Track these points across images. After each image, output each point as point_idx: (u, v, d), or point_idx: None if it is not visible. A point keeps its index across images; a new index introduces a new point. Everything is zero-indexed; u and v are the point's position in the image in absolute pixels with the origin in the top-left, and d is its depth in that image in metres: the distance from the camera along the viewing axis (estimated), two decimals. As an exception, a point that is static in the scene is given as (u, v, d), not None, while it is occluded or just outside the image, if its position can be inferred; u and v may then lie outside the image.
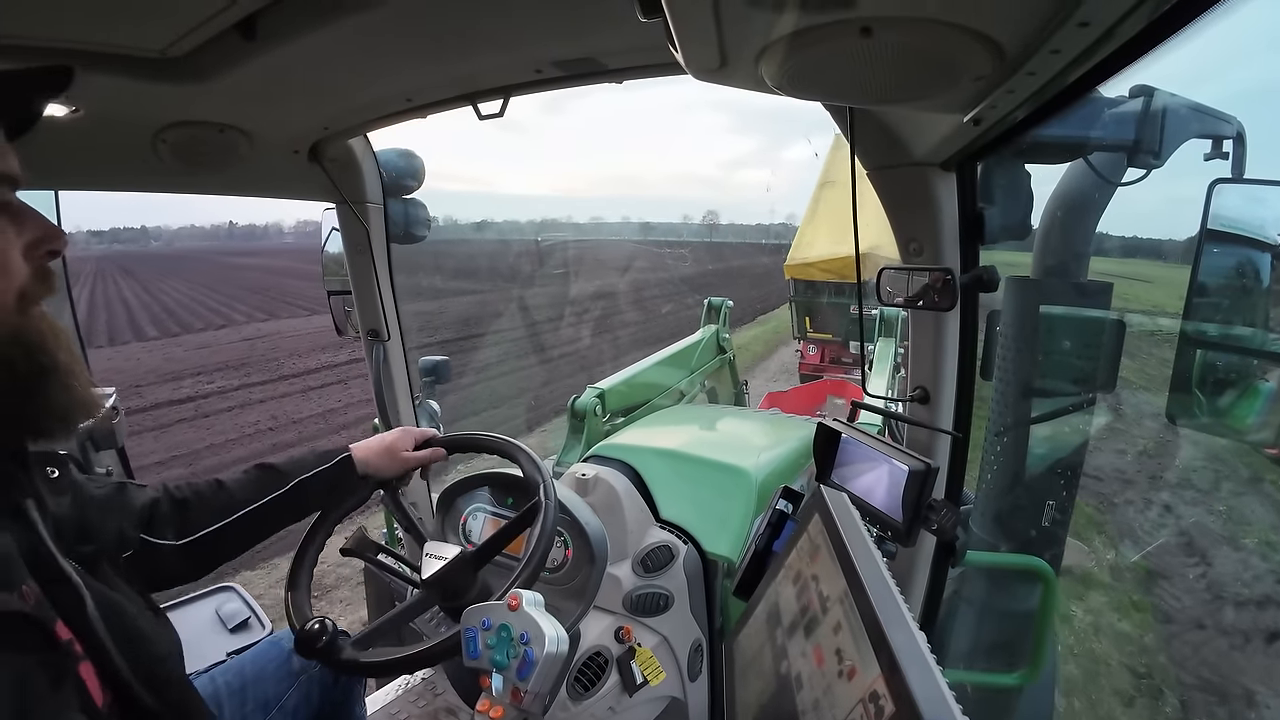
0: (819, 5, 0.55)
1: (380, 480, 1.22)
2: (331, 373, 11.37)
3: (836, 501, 0.76)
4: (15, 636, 0.53)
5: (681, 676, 1.48)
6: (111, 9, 0.77)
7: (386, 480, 1.22)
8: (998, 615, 1.77)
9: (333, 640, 0.99)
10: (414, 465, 1.23)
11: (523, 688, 0.84)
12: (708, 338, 3.41)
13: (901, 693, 0.48)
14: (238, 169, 1.34)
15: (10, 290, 0.54)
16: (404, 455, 1.22)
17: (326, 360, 12.25)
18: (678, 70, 0.80)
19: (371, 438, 1.23)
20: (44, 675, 0.55)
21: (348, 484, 1.15)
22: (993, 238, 1.11)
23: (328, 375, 11.25)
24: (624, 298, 19.67)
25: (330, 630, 0.99)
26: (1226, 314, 1.29)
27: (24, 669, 0.53)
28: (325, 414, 9.10)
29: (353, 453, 1.16)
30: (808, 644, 0.67)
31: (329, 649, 0.99)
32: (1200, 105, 1.48)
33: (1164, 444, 6.31)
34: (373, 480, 1.20)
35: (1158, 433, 6.40)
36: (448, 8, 0.86)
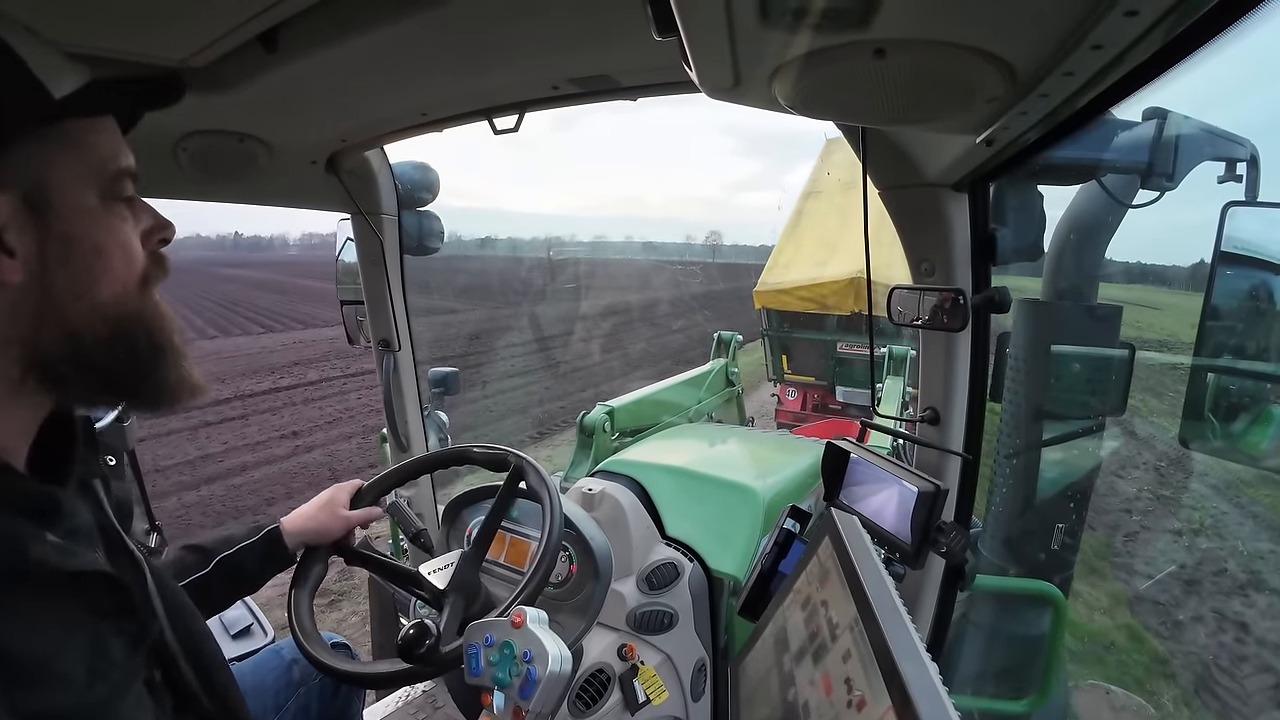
0: (833, 26, 0.56)
1: (333, 540, 1.18)
2: (278, 397, 10.19)
3: (847, 525, 0.75)
4: (96, 597, 0.57)
5: (684, 696, 1.47)
6: (136, 19, 0.78)
7: (338, 540, 1.18)
8: (1006, 640, 1.74)
9: (436, 643, 0.95)
10: (355, 523, 1.20)
11: (524, 707, 0.83)
12: (717, 370, 3.46)
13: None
14: (256, 178, 1.36)
15: (134, 274, 0.59)
16: (343, 514, 1.18)
17: (269, 384, 11.05)
18: (692, 89, 0.80)
19: (307, 504, 1.19)
20: (120, 641, 0.58)
21: (277, 557, 1.11)
22: (1005, 259, 1.11)
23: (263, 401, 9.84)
24: (636, 313, 19.72)
25: (433, 633, 0.95)
26: (1240, 338, 1.28)
27: (101, 631, 0.56)
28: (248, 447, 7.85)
29: (283, 525, 1.13)
30: (816, 671, 0.66)
31: (434, 652, 0.94)
32: (1214, 128, 1.48)
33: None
34: (324, 548, 1.17)
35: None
36: (467, 24, 0.88)
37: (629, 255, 74.85)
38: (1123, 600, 4.18)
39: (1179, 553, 4.93)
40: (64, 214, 0.54)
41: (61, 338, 0.55)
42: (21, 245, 0.52)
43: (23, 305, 0.53)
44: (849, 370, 6.98)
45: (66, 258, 0.54)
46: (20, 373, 0.55)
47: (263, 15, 0.80)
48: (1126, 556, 4.84)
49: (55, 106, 0.53)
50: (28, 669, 0.49)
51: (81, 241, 0.55)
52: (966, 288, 1.10)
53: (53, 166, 0.54)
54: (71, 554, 0.55)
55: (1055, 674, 1.40)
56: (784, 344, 7.53)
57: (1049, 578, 1.53)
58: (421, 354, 1.95)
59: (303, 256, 76.25)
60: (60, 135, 0.54)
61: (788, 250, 7.70)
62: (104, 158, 0.57)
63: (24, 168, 0.52)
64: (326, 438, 7.98)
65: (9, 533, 0.51)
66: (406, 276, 1.82)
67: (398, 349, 1.83)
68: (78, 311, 0.55)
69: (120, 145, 0.59)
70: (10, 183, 0.52)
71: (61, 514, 0.58)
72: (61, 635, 0.53)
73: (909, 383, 3.77)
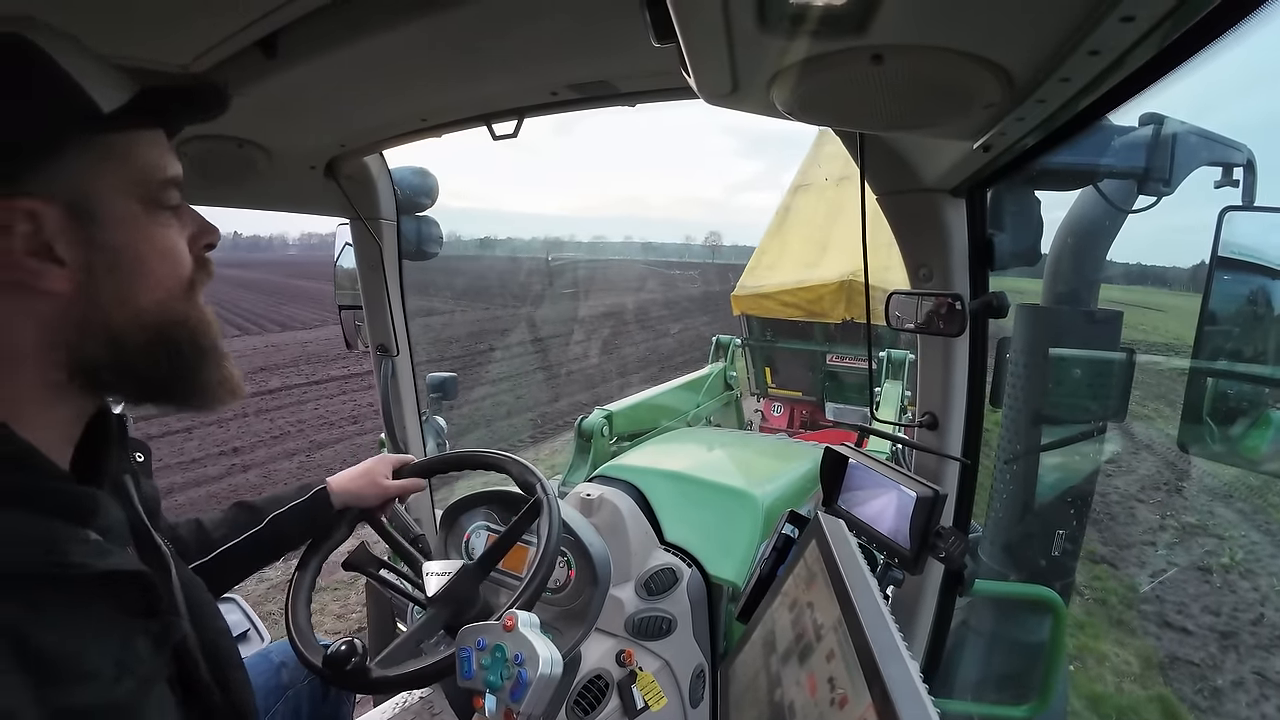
0: (831, 32, 0.56)
1: (362, 509, 1.21)
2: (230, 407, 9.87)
3: (834, 529, 0.76)
4: (127, 596, 0.58)
5: (683, 702, 1.46)
6: (136, 24, 0.78)
7: (370, 509, 1.22)
8: (1006, 645, 1.74)
9: (362, 661, 0.98)
10: (393, 494, 1.23)
11: (515, 709, 0.84)
12: (715, 374, 3.46)
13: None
14: (255, 183, 1.36)
15: (182, 279, 0.61)
16: (383, 483, 1.22)
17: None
18: (690, 94, 0.80)
19: (350, 468, 1.23)
20: (146, 639, 0.59)
21: (325, 516, 1.15)
22: (1003, 264, 1.11)
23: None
24: (631, 315, 19.70)
25: (360, 651, 0.99)
26: (1238, 342, 1.28)
27: (130, 630, 0.58)
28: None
29: (329, 485, 1.17)
30: (801, 672, 0.67)
31: (359, 671, 0.98)
32: (1210, 133, 1.48)
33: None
34: (353, 511, 1.20)
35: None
36: (466, 31, 0.88)
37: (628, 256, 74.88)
38: (1154, 663, 3.71)
39: (1212, 597, 4.47)
40: (110, 224, 0.56)
41: (106, 343, 0.57)
42: (70, 255, 0.54)
43: (70, 313, 0.55)
44: (839, 385, 6.21)
45: (112, 266, 0.56)
46: (66, 377, 0.56)
47: (262, 21, 0.80)
48: (1156, 603, 4.35)
49: (103, 120, 0.54)
50: (59, 667, 0.50)
51: (126, 251, 0.57)
52: (964, 293, 1.10)
53: (99, 178, 0.55)
54: (107, 553, 0.57)
55: (1055, 680, 1.39)
56: (767, 355, 6.61)
57: (1049, 583, 1.53)
58: (419, 357, 1.95)
59: (301, 257, 75.90)
60: (106, 147, 0.56)
61: (772, 250, 6.81)
62: (149, 168, 0.59)
63: (71, 179, 0.54)
64: (268, 455, 7.56)
65: (50, 535, 0.53)
66: (405, 279, 1.82)
67: (396, 354, 1.82)
68: (122, 318, 0.57)
69: (166, 155, 0.61)
70: (58, 194, 0.53)
71: (99, 513, 0.60)
72: (92, 633, 0.54)
73: (907, 387, 3.76)
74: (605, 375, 12.06)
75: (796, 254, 6.47)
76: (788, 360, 6.51)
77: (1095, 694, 3.39)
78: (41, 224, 0.52)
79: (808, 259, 6.26)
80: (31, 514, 0.53)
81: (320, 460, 7.31)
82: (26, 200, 0.51)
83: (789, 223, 7.00)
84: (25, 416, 0.55)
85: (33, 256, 0.52)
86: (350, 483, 1.19)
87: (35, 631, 0.49)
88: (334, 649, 0.99)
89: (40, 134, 0.52)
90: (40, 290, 0.53)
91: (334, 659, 0.98)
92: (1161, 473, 6.85)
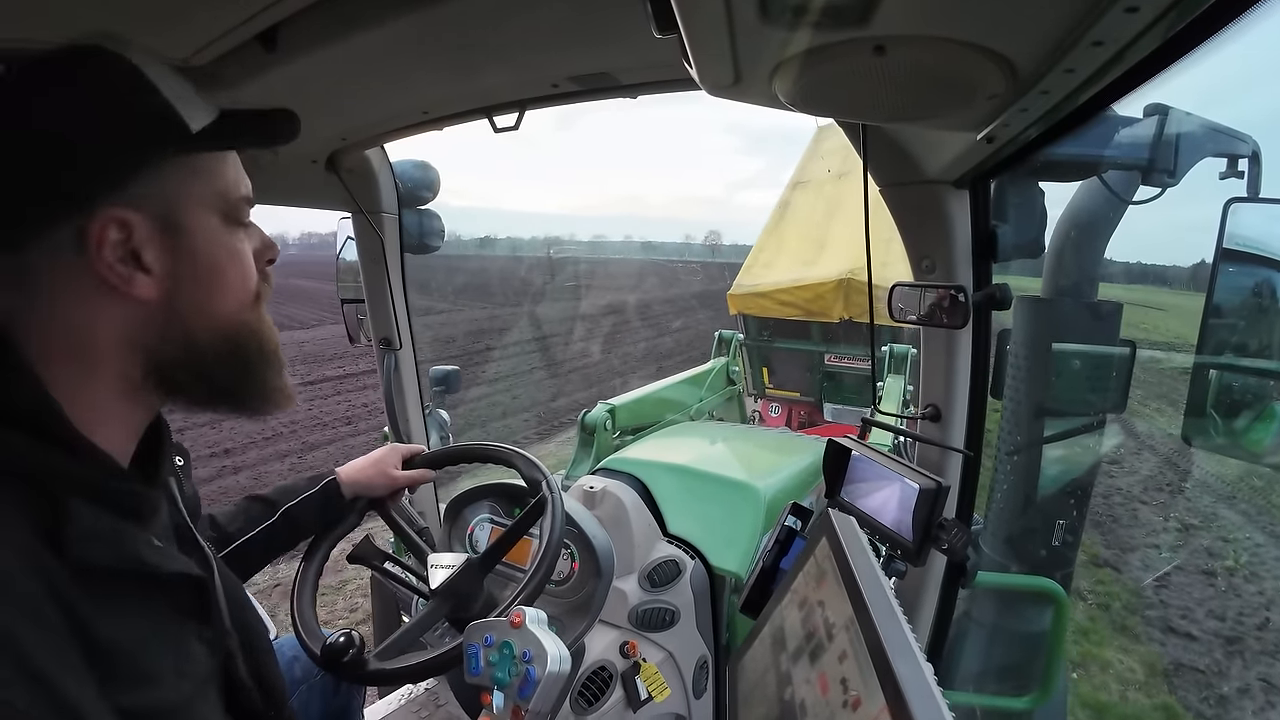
0: (833, 23, 0.56)
1: (371, 499, 1.22)
2: None
3: (844, 526, 0.75)
4: (182, 599, 0.61)
5: (686, 693, 1.47)
6: (134, 18, 0.78)
7: (379, 498, 1.22)
8: (1008, 637, 1.74)
9: (360, 653, 0.99)
10: (403, 484, 1.24)
11: (524, 706, 0.84)
12: (718, 368, 3.46)
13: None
14: (257, 178, 1.34)
15: (250, 291, 0.65)
16: (392, 473, 1.22)
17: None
18: (692, 86, 0.80)
19: (359, 458, 1.24)
20: (200, 643, 0.62)
21: (336, 506, 1.16)
22: (1005, 255, 1.11)
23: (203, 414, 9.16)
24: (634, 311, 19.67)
25: (356, 643, 1.00)
26: (1243, 335, 1.27)
27: (185, 633, 0.61)
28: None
29: (339, 475, 1.18)
30: (812, 671, 0.66)
31: (357, 663, 0.99)
32: (1215, 124, 1.47)
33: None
34: (363, 500, 1.21)
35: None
36: (466, 23, 0.88)
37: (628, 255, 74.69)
38: (1159, 670, 3.64)
39: (1216, 601, 4.40)
40: (193, 236, 0.59)
41: (183, 347, 0.60)
42: (157, 264, 0.57)
43: (152, 319, 0.58)
44: (838, 385, 6.09)
45: (194, 276, 0.60)
46: (141, 378, 0.59)
47: (262, 15, 0.80)
48: (1160, 608, 4.29)
49: (192, 139, 0.58)
50: (125, 666, 0.52)
51: (207, 262, 0.60)
52: (967, 285, 1.10)
53: (185, 192, 0.59)
54: (169, 557, 0.60)
55: (1057, 670, 1.39)
56: (764, 355, 6.44)
57: (1050, 574, 1.53)
58: (422, 353, 1.95)
59: (301, 256, 75.48)
60: (193, 164, 0.59)
61: (769, 247, 6.70)
62: (229, 185, 0.63)
63: (161, 192, 0.57)
64: (259, 456, 7.45)
65: (122, 534, 0.55)
66: (407, 275, 1.82)
67: (399, 347, 1.83)
68: (199, 325, 0.61)
69: (241, 174, 0.65)
70: (148, 206, 0.56)
71: (159, 515, 0.63)
72: (153, 634, 0.56)
73: (909, 382, 3.74)
74: (607, 373, 12.01)
75: (794, 251, 6.37)
76: (785, 360, 6.38)
77: (1100, 703, 3.34)
78: (132, 232, 0.55)
79: (805, 257, 6.16)
80: (103, 511, 0.54)
81: (312, 462, 7.19)
82: (120, 209, 0.54)
83: (787, 220, 6.90)
84: (98, 415, 0.57)
85: (122, 263, 0.55)
86: (359, 473, 1.19)
87: (104, 630, 0.50)
88: (332, 640, 1.00)
89: (137, 148, 0.55)
90: (129, 296, 0.56)
91: (332, 650, 0.99)
92: (1164, 473, 6.77)
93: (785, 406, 6.46)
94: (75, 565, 0.50)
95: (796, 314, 5.87)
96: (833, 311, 5.53)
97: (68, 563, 0.49)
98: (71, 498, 0.52)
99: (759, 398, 6.61)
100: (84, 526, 0.52)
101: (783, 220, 6.93)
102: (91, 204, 0.53)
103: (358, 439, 8.01)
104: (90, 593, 0.50)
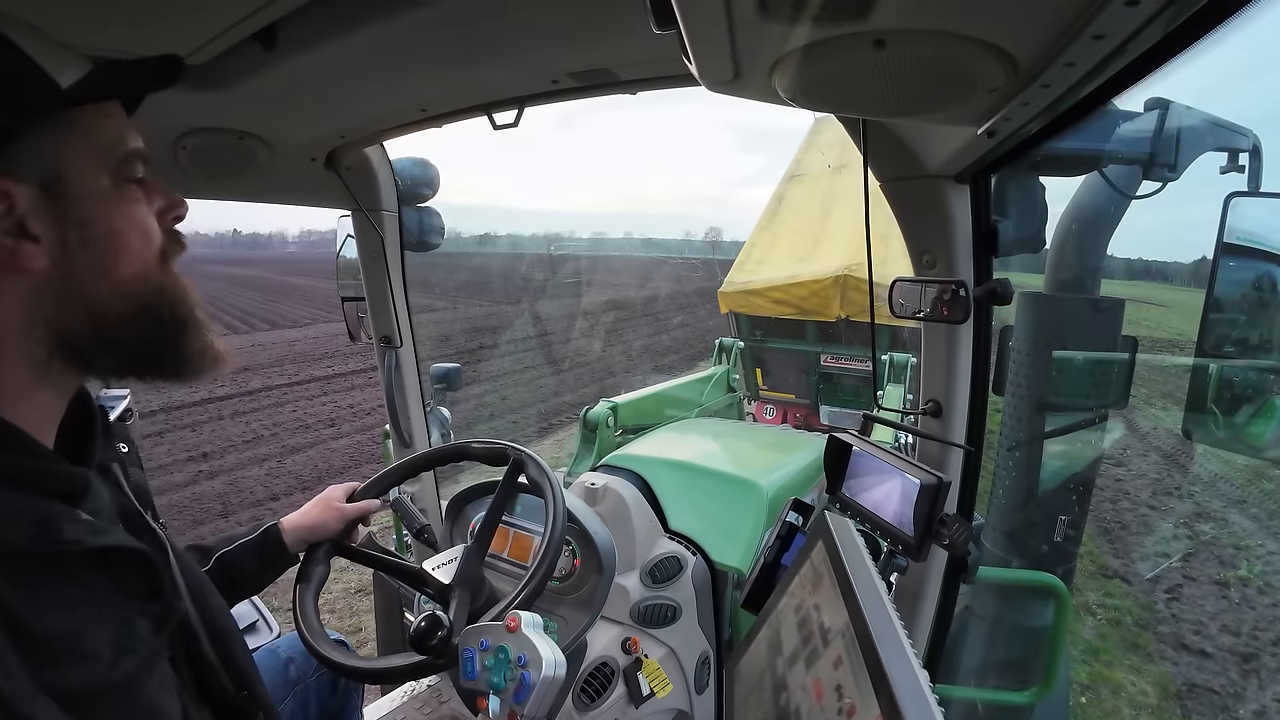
0: (832, 18, 0.56)
1: (334, 543, 1.18)
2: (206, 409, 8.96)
3: (840, 529, 0.75)
4: (124, 576, 0.59)
5: (688, 689, 1.47)
6: (132, 16, 0.78)
7: (338, 539, 1.18)
8: (1009, 632, 1.75)
9: (449, 635, 0.96)
10: (354, 515, 1.19)
11: (519, 711, 0.84)
12: (719, 375, 3.49)
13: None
14: (256, 176, 1.36)
15: (153, 251, 0.62)
16: (340, 507, 1.18)
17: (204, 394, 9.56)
18: (691, 82, 0.80)
19: (305, 504, 1.19)
20: (146, 620, 0.61)
21: (276, 553, 1.11)
22: (1007, 250, 1.11)
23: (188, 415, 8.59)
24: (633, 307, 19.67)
25: (446, 624, 0.96)
26: (1243, 329, 1.27)
27: (128, 611, 0.59)
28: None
29: (281, 523, 1.13)
30: (807, 677, 0.66)
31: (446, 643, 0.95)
32: (1216, 118, 1.47)
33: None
34: (326, 545, 1.16)
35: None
36: (464, 19, 0.87)
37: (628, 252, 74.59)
38: (1172, 692, 3.50)
39: (1230, 614, 4.24)
40: (80, 199, 0.57)
41: (85, 317, 0.58)
42: (44, 232, 0.55)
43: (47, 289, 0.56)
44: (835, 387, 5.90)
45: (86, 241, 0.57)
46: (47, 354, 0.57)
47: (260, 12, 0.80)
48: (1172, 623, 4.12)
49: (62, 95, 0.55)
50: (57, 648, 0.51)
51: (99, 224, 0.58)
52: (968, 280, 1.10)
53: (65, 154, 0.56)
54: (102, 531, 0.58)
55: (1058, 665, 1.40)
56: (757, 355, 6.18)
57: (1052, 569, 1.53)
58: (422, 351, 1.95)
59: (301, 254, 75.02)
60: (70, 123, 0.57)
61: (762, 243, 6.48)
62: (112, 142, 0.59)
63: (39, 157, 0.55)
64: (237, 460, 7.20)
65: (43, 514, 0.54)
66: (407, 272, 1.82)
67: (399, 345, 1.83)
68: (99, 291, 0.58)
69: (127, 128, 0.61)
70: (27, 173, 0.54)
71: (90, 494, 0.61)
72: (90, 614, 0.55)
73: (909, 390, 3.74)
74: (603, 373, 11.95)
75: (788, 247, 6.21)
76: (779, 361, 6.17)
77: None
78: (14, 203, 0.53)
79: (800, 252, 6.00)
80: (20, 492, 0.53)
81: (290, 467, 7.00)
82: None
83: (781, 214, 6.72)
84: (8, 397, 0.56)
85: (9, 235, 0.53)
86: (304, 517, 1.15)
87: (30, 612, 0.50)
88: (416, 626, 0.95)
89: (3, 115, 0.53)
90: (18, 268, 0.54)
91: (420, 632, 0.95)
92: (1172, 475, 6.61)
93: (780, 409, 6.30)
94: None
95: (791, 312, 5.70)
96: (829, 310, 5.38)
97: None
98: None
99: (752, 400, 6.40)
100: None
101: (777, 215, 6.75)
102: None
103: (340, 441, 7.86)
104: (14, 579, 0.50)
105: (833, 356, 5.81)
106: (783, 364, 6.17)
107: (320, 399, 9.88)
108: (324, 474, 6.54)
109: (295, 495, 5.84)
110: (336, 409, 9.33)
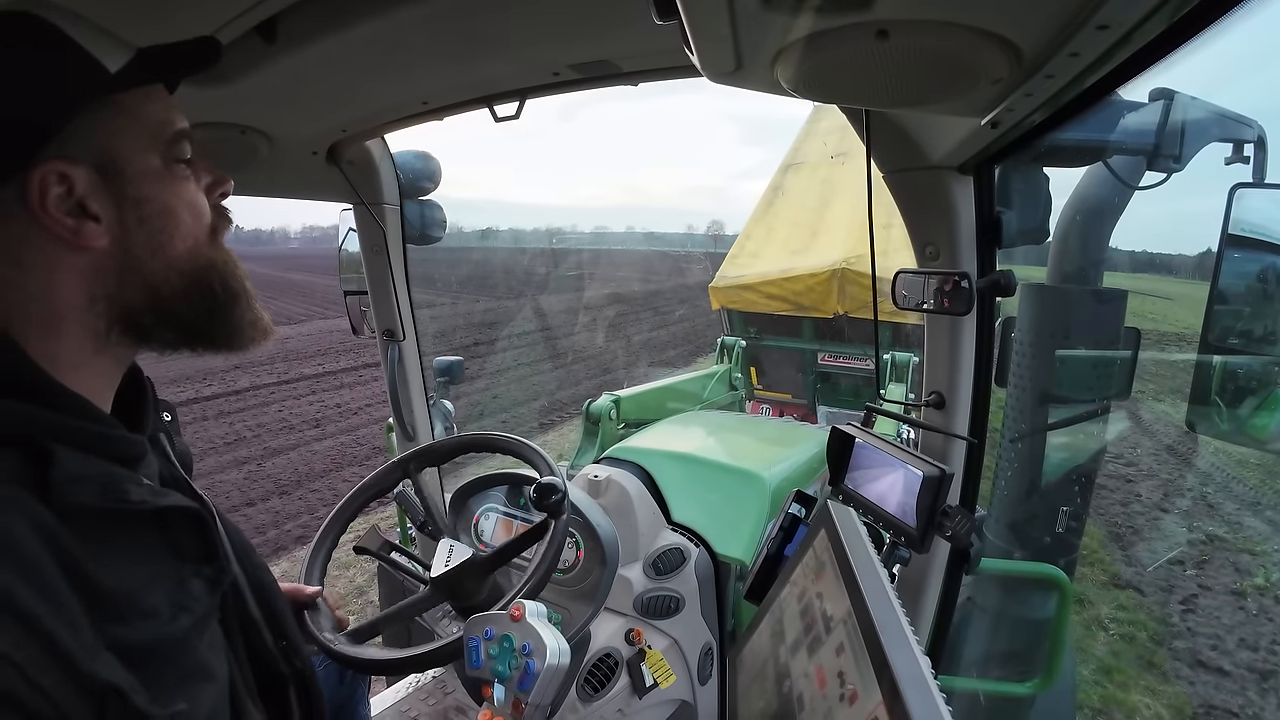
0: (835, 8, 0.55)
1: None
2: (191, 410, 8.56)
3: (843, 518, 0.75)
4: (181, 537, 0.63)
5: (691, 680, 1.48)
6: (132, 11, 0.78)
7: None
8: (1012, 623, 1.75)
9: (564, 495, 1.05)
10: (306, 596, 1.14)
11: (524, 699, 0.85)
12: (721, 373, 3.49)
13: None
14: (257, 170, 1.35)
15: (203, 227, 0.65)
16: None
17: (192, 393, 9.35)
18: (693, 73, 0.80)
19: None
20: (200, 581, 0.63)
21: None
22: (1010, 242, 1.10)
23: None
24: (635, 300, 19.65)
25: (561, 489, 1.04)
26: (1248, 321, 1.27)
27: (183, 571, 0.62)
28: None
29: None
30: (810, 664, 0.66)
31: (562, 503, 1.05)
32: (1221, 109, 1.46)
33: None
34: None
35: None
36: (465, 12, 0.87)
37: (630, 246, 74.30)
38: (1188, 714, 3.32)
39: (1248, 627, 4.03)
40: (134, 179, 0.60)
41: (143, 292, 0.61)
42: (103, 211, 0.58)
43: (107, 266, 0.59)
44: (833, 387, 5.58)
45: (142, 219, 0.60)
46: (106, 327, 0.60)
47: (260, 6, 0.80)
48: (1188, 637, 3.92)
49: (111, 80, 0.58)
50: (122, 604, 0.54)
51: (154, 203, 0.61)
52: (971, 271, 1.09)
53: (117, 136, 0.59)
54: (162, 494, 0.62)
55: (1061, 657, 1.40)
56: (751, 353, 5.56)
57: (1054, 561, 1.53)
58: (425, 345, 1.96)
59: (303, 250, 74.49)
60: (119, 106, 0.59)
61: (756, 235, 6.08)
62: (160, 123, 0.62)
63: (92, 140, 0.57)
64: (217, 464, 6.81)
65: (110, 477, 0.57)
66: (409, 266, 1.82)
67: (402, 338, 1.83)
68: (156, 267, 0.61)
69: (173, 110, 0.64)
70: (82, 156, 0.57)
71: (147, 460, 0.65)
72: (149, 573, 0.58)
73: (910, 390, 3.73)
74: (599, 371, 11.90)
75: (784, 239, 5.84)
76: (775, 359, 5.79)
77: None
78: (73, 184, 0.56)
79: (796, 245, 5.63)
80: (89, 455, 0.56)
81: (270, 470, 6.66)
82: (56, 163, 0.55)
83: (777, 205, 6.33)
84: (72, 369, 0.58)
85: (70, 216, 0.56)
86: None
87: (98, 568, 0.52)
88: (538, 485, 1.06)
89: (59, 99, 0.56)
90: (80, 246, 0.57)
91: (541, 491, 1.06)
92: (1184, 475, 6.43)
93: (775, 409, 5.89)
94: (66, 510, 0.51)
95: (786, 308, 5.36)
96: (826, 305, 5.08)
97: (58, 508, 0.51)
98: (57, 445, 0.53)
99: (747, 399, 5.84)
100: (70, 471, 0.53)
101: (773, 205, 6.36)
102: (24, 162, 0.54)
103: (323, 443, 7.54)
104: (83, 537, 0.52)
105: (830, 355, 5.50)
106: (778, 362, 5.81)
107: (308, 398, 9.67)
108: (303, 477, 6.38)
109: (271, 500, 5.74)
110: (323, 409, 9.09)
